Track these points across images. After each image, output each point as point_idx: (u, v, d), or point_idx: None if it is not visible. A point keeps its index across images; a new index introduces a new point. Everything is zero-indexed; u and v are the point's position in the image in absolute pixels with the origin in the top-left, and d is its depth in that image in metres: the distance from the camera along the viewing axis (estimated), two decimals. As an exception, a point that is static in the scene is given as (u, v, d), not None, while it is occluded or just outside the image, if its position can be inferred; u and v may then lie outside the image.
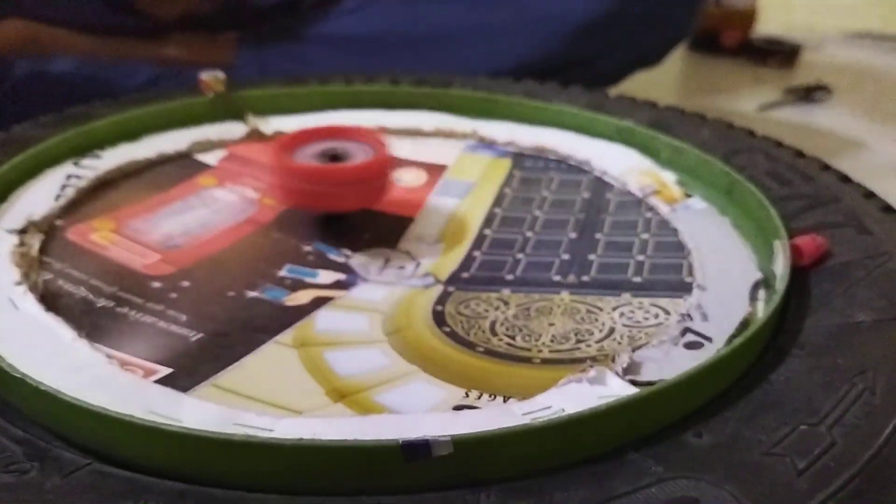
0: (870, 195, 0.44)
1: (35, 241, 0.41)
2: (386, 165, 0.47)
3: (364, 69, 0.67)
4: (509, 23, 0.76)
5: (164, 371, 0.34)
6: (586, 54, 0.77)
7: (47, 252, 0.41)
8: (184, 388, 0.32)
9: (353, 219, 0.48)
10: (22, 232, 0.41)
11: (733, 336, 0.35)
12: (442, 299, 0.41)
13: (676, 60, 1.12)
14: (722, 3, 1.13)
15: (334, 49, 0.78)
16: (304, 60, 0.77)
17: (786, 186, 0.46)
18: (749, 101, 0.97)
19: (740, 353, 0.32)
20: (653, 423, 0.29)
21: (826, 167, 0.47)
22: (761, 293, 0.38)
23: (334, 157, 0.46)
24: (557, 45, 0.75)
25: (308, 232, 0.47)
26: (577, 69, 0.77)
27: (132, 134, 0.53)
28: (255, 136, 0.56)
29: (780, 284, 0.36)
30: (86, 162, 0.50)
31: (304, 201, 0.46)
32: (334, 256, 0.45)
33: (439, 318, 0.39)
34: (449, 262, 0.44)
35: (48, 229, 0.43)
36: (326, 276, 0.43)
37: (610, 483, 0.26)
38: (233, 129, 0.56)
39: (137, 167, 0.51)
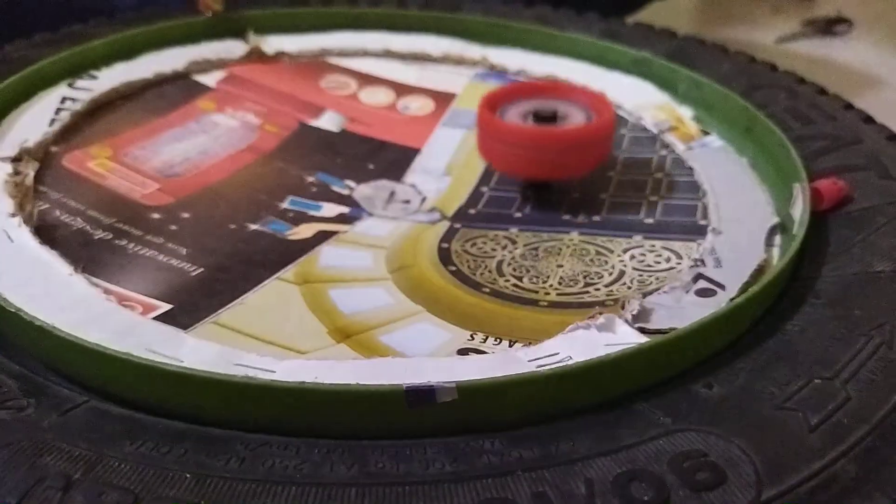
0: (893, 137, 0.42)
1: (30, 170, 0.40)
2: (611, 128, 0.42)
3: None
4: None
5: (164, 307, 0.33)
6: None
7: (43, 181, 0.40)
8: (184, 325, 0.32)
9: (363, 149, 0.47)
10: (16, 160, 0.40)
11: (747, 283, 0.34)
12: (448, 236, 0.40)
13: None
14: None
15: None
16: None
17: (807, 126, 0.44)
18: (767, 32, 0.94)
19: (754, 302, 0.31)
20: (662, 373, 0.28)
21: (849, 106, 0.46)
22: (777, 239, 0.37)
23: (546, 117, 0.41)
24: None
25: (311, 161, 0.45)
26: None
27: (128, 53, 0.51)
28: (256, 55, 0.54)
29: (799, 230, 0.35)
30: (81, 83, 0.48)
31: (513, 165, 0.42)
32: (338, 188, 0.44)
33: (445, 257, 0.38)
34: (456, 196, 0.43)
35: (43, 156, 0.42)
36: (330, 209, 0.42)
37: (617, 433, 0.26)
38: (232, 48, 0.54)
39: (134, 88, 0.49)
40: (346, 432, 0.26)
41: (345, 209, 0.42)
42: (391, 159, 0.46)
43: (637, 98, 0.49)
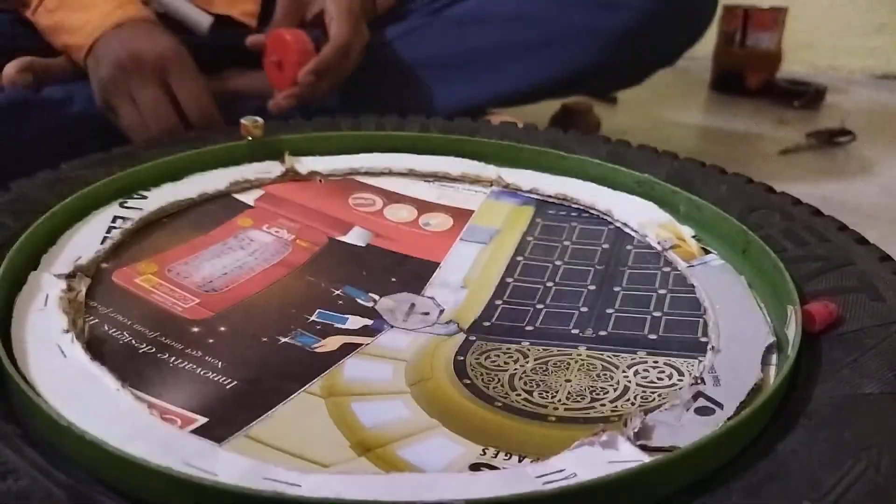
0: (885, 258, 0.45)
1: (82, 286, 0.43)
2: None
3: (414, 94, 0.70)
4: (548, 38, 0.81)
5: (201, 420, 0.36)
6: (619, 61, 0.83)
7: (93, 296, 0.44)
8: (219, 438, 0.34)
9: (387, 263, 0.50)
10: (70, 276, 0.44)
11: (744, 403, 0.36)
12: (463, 349, 0.42)
13: (701, 101, 1.12)
14: (747, 45, 1.14)
15: (385, 74, 0.81)
16: (357, 85, 0.80)
17: (801, 247, 0.47)
18: (772, 144, 0.98)
19: (749, 423, 0.33)
20: (660, 491, 0.30)
21: (843, 227, 0.48)
22: (773, 358, 0.39)
23: None
24: (595, 56, 0.81)
25: (338, 275, 0.49)
26: (609, 75, 0.85)
27: (176, 174, 0.56)
28: (291, 175, 0.58)
29: (792, 352, 0.37)
30: (131, 202, 0.52)
31: None
32: (363, 301, 0.47)
33: (460, 369, 0.41)
34: (471, 309, 0.46)
35: (94, 273, 0.45)
36: (354, 322, 0.45)
37: (615, 550, 0.28)
38: (270, 169, 0.58)
39: (180, 207, 0.54)
40: (365, 545, 0.28)
41: (368, 321, 0.45)
42: (413, 272, 0.50)
43: (642, 216, 0.53)
